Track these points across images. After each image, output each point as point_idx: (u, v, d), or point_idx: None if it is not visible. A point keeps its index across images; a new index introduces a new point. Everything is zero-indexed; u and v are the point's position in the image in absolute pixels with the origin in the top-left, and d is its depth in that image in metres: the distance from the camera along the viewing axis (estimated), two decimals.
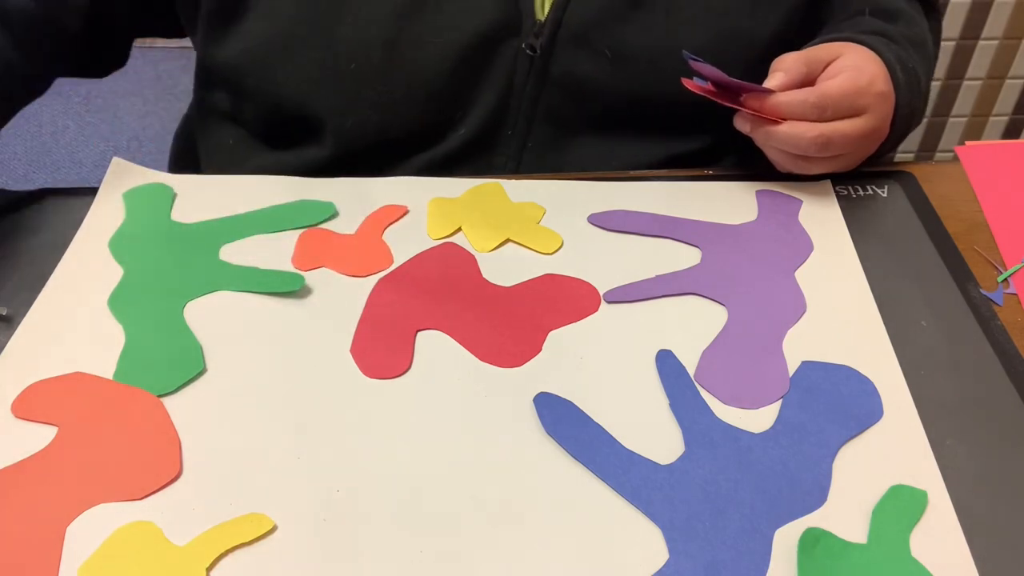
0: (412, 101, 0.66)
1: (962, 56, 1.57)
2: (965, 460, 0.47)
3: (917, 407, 0.50)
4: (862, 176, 0.66)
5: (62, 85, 0.54)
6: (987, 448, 0.48)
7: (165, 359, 0.51)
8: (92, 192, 0.64)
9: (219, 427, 0.48)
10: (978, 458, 0.47)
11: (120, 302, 0.55)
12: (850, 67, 0.61)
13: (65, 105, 2.13)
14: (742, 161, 0.69)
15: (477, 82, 0.67)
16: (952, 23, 1.51)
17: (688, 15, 0.59)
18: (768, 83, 0.60)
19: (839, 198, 0.65)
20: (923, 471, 0.46)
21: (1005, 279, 0.58)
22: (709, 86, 0.61)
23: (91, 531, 0.43)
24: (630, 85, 0.67)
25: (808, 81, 0.61)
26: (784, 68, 0.60)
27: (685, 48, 0.60)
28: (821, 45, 0.63)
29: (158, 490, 0.45)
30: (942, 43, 0.88)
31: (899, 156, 0.69)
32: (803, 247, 0.60)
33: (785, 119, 0.60)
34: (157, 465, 0.46)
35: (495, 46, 0.65)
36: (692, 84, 0.61)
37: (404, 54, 0.64)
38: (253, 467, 0.46)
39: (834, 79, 0.60)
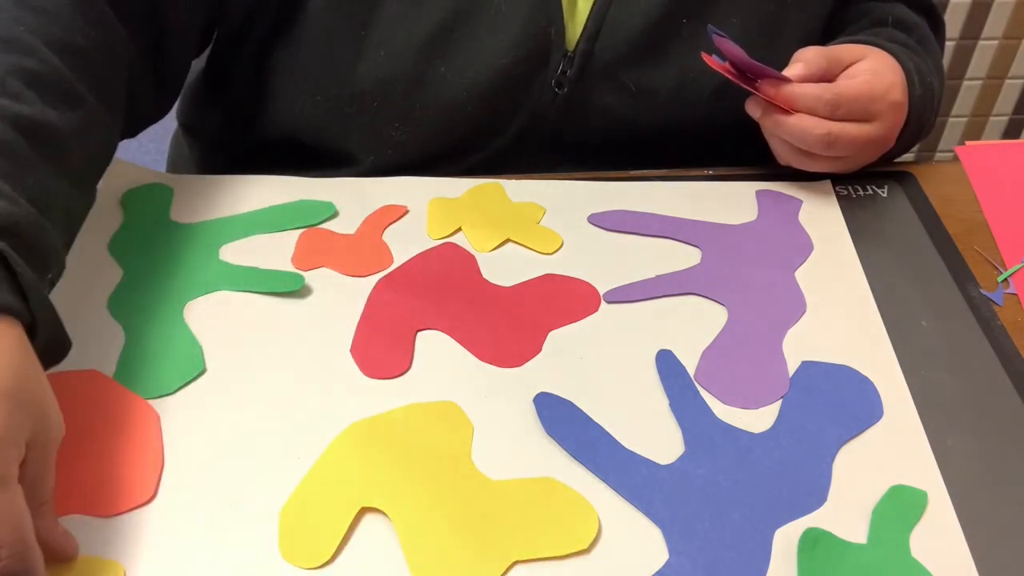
0: (435, 135, 0.66)
1: (962, 56, 1.57)
2: (965, 460, 0.47)
3: (917, 407, 0.50)
4: (862, 176, 0.66)
5: None
6: (987, 448, 0.48)
7: (165, 359, 0.51)
8: None
9: (219, 427, 0.48)
10: (978, 458, 0.47)
11: (120, 302, 0.55)
12: (870, 71, 0.61)
13: None
14: (743, 160, 0.69)
15: (503, 116, 0.66)
16: (952, 23, 1.51)
17: (712, 47, 0.59)
18: (787, 72, 0.60)
19: (839, 198, 0.65)
20: (923, 471, 0.46)
21: (1005, 279, 0.58)
22: (728, 65, 0.61)
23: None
24: (651, 117, 0.67)
25: (827, 78, 0.61)
26: (805, 60, 0.60)
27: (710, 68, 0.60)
28: (845, 45, 0.63)
29: (127, 511, 0.43)
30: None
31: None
32: (803, 247, 0.60)
33: (797, 111, 0.60)
34: (132, 486, 0.44)
35: (522, 81, 0.64)
36: (712, 61, 0.61)
37: (428, 93, 0.63)
38: (253, 467, 0.46)
39: (852, 80, 0.61)
